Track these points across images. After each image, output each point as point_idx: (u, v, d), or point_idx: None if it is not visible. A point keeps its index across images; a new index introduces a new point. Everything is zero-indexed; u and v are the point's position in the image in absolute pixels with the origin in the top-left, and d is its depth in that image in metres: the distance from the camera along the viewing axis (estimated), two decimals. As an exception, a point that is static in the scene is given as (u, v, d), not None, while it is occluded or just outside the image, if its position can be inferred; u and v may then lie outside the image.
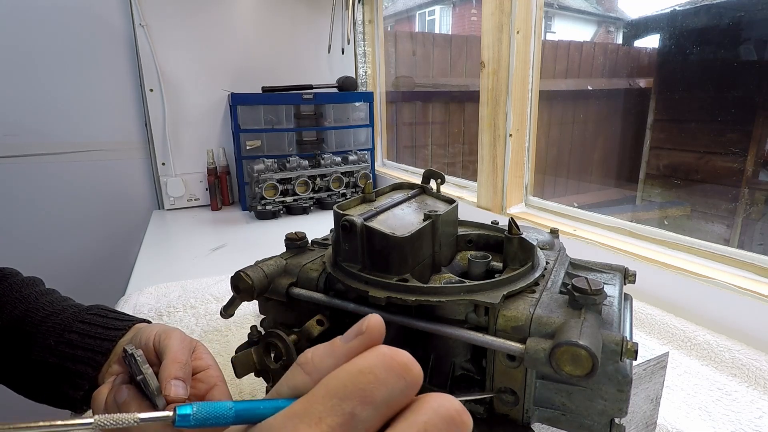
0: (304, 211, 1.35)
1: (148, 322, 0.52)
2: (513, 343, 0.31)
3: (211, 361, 0.44)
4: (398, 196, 0.47)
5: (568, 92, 2.36)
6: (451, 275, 0.40)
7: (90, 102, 1.37)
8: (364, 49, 1.67)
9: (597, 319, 0.31)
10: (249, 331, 0.46)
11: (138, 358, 0.35)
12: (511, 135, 0.98)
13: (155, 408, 0.36)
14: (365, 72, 1.69)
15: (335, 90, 1.54)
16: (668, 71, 1.97)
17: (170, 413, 0.19)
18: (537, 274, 0.37)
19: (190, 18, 1.40)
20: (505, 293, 0.33)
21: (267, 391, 0.43)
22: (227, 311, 0.46)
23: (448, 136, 2.18)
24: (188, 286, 0.80)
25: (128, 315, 0.51)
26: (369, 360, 0.18)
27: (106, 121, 1.41)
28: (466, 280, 0.36)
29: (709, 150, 1.72)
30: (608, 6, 3.41)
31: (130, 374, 0.40)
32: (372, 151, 1.53)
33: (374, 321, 0.20)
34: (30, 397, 0.48)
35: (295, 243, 0.48)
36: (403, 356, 0.19)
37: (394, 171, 1.62)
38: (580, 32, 3.98)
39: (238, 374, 0.41)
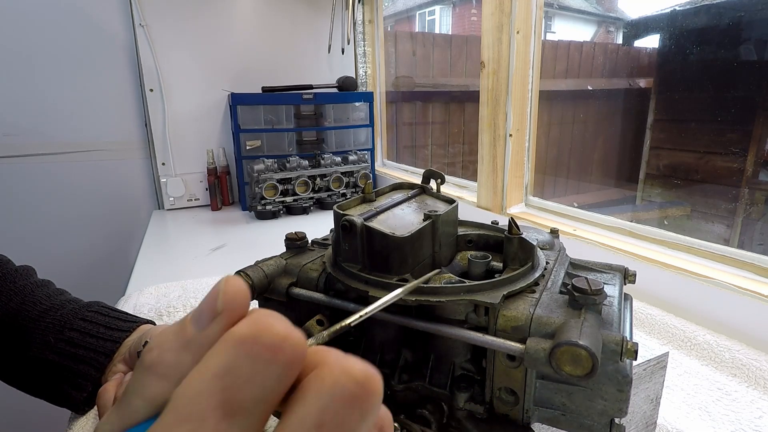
0: (304, 211, 1.35)
1: (152, 322, 0.52)
2: (513, 343, 0.31)
3: None
4: (398, 196, 0.47)
5: (568, 92, 2.36)
6: (451, 275, 0.40)
7: (90, 102, 1.37)
8: (364, 49, 1.67)
9: (597, 319, 0.31)
10: (249, 331, 0.46)
11: None
12: (511, 135, 0.98)
13: None
14: (365, 72, 1.69)
15: (335, 90, 1.54)
16: (668, 71, 1.97)
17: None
18: (537, 274, 0.37)
19: (190, 18, 1.40)
20: (505, 293, 0.33)
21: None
22: (227, 311, 0.46)
23: (448, 136, 2.18)
24: (188, 286, 0.80)
25: (130, 315, 0.51)
26: (223, 355, 0.13)
27: (106, 121, 1.41)
28: (466, 280, 0.36)
29: (709, 150, 1.72)
30: (608, 6, 3.41)
31: None
32: (372, 151, 1.53)
33: (231, 289, 0.15)
34: (29, 392, 0.47)
35: (295, 243, 0.48)
36: (268, 333, 0.14)
37: (394, 171, 1.62)
38: (580, 32, 3.98)
39: (238, 374, 0.41)
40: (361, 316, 0.23)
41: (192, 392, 0.13)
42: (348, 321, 0.23)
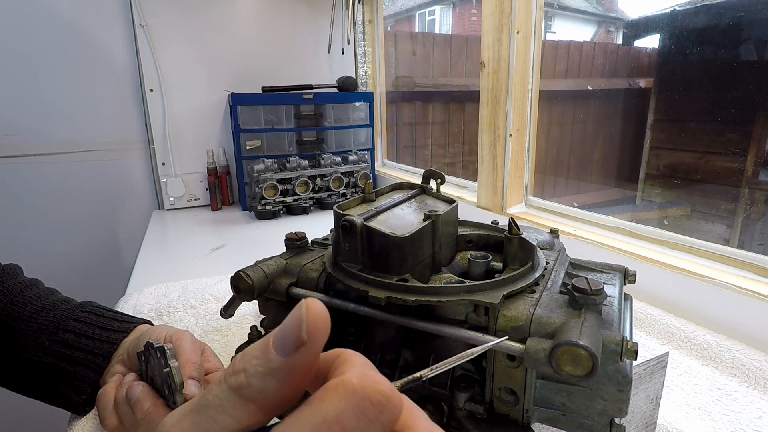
0: (304, 211, 1.35)
1: (149, 322, 0.51)
2: (513, 343, 0.31)
3: (218, 363, 0.44)
4: (398, 196, 0.47)
5: (568, 92, 2.36)
6: (451, 275, 0.40)
7: (90, 102, 1.37)
8: (364, 49, 1.67)
9: (597, 319, 0.31)
10: (249, 331, 0.46)
11: (168, 351, 0.35)
12: (511, 135, 0.98)
13: (171, 405, 0.36)
14: (365, 72, 1.69)
15: (335, 90, 1.54)
16: (668, 71, 1.97)
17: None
18: (537, 274, 0.37)
19: (190, 18, 1.40)
20: (505, 293, 0.33)
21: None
22: (227, 311, 0.46)
23: (448, 136, 2.18)
24: (188, 286, 0.80)
25: (125, 315, 0.51)
26: (334, 404, 0.14)
27: (106, 121, 1.41)
28: (466, 280, 0.36)
29: (709, 150, 1.72)
30: (608, 6, 3.41)
31: (141, 371, 0.40)
32: (372, 151, 1.53)
33: (314, 316, 0.15)
34: (24, 394, 0.47)
35: (295, 243, 0.48)
36: (377, 391, 0.14)
37: (394, 171, 1.62)
38: (580, 32, 3.98)
39: (238, 374, 0.41)
40: (432, 369, 0.24)
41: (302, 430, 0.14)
42: (421, 373, 0.23)
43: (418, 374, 0.23)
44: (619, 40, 3.02)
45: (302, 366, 0.15)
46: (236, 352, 0.43)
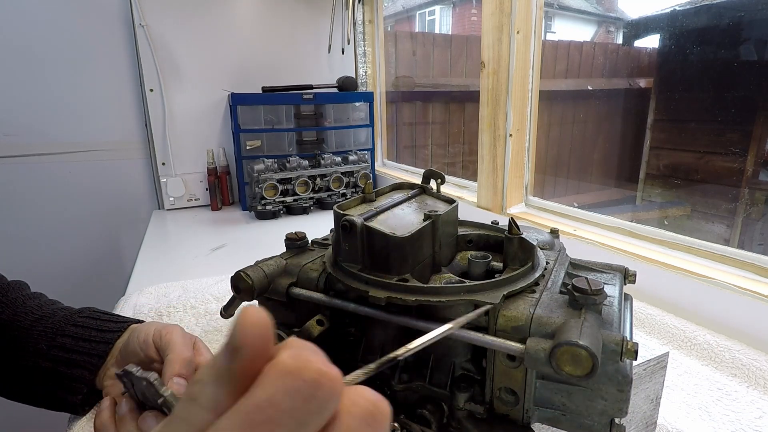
0: (304, 211, 1.35)
1: (141, 322, 0.51)
2: (513, 343, 0.31)
3: (210, 356, 0.44)
4: (398, 196, 0.47)
5: (568, 92, 2.36)
6: (451, 275, 0.40)
7: (90, 102, 1.37)
8: (364, 49, 1.67)
9: (597, 319, 0.31)
10: (249, 331, 0.46)
11: (155, 382, 0.33)
12: (511, 135, 0.98)
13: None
14: (365, 72, 1.69)
15: (335, 90, 1.54)
16: (668, 71, 1.97)
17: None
18: (537, 274, 0.37)
19: (190, 18, 1.40)
20: (505, 293, 0.33)
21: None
22: (227, 311, 0.46)
23: (448, 136, 2.18)
24: (188, 286, 0.80)
25: (122, 316, 0.51)
26: (266, 388, 0.14)
27: (106, 121, 1.41)
28: (466, 280, 0.36)
29: (709, 150, 1.72)
30: (608, 6, 3.41)
31: (128, 391, 0.39)
32: (372, 151, 1.53)
33: (247, 327, 0.15)
34: (24, 402, 0.47)
35: (295, 243, 0.48)
36: (310, 369, 0.14)
37: (394, 171, 1.62)
38: (580, 32, 3.98)
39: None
40: (410, 350, 0.24)
41: (230, 424, 0.14)
42: (396, 354, 0.23)
43: (392, 354, 0.23)
44: (619, 40, 3.02)
45: (243, 370, 0.15)
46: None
